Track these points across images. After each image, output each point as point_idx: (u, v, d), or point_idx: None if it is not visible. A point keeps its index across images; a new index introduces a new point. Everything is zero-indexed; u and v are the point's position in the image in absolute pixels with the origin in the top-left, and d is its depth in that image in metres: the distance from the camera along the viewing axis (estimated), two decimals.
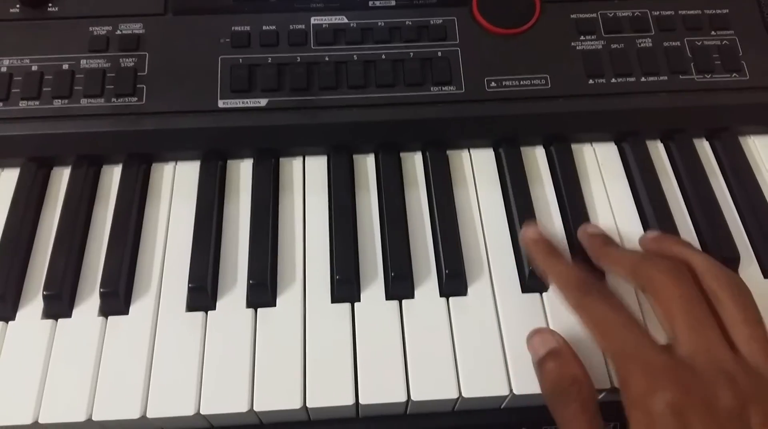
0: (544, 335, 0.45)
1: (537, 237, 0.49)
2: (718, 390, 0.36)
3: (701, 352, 0.38)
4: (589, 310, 0.42)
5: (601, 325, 0.41)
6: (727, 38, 0.59)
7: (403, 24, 0.57)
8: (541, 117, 0.56)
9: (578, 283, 0.43)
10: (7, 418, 0.44)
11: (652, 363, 0.37)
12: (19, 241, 0.51)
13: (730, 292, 0.40)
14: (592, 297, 0.42)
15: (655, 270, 0.42)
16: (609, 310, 0.41)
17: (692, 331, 0.39)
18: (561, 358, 0.43)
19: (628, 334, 0.39)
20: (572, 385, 0.41)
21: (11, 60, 0.55)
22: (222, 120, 0.54)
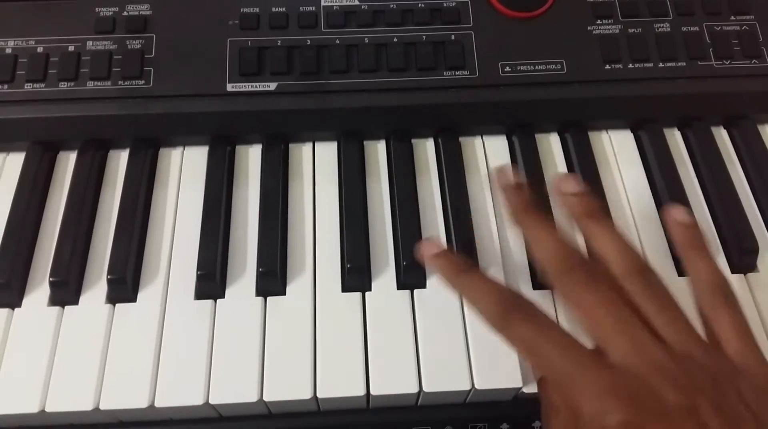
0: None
1: (437, 251, 0.44)
2: (665, 391, 0.35)
3: (635, 355, 0.36)
4: (516, 334, 0.38)
5: (532, 349, 0.38)
6: (746, 23, 0.57)
7: (415, 6, 0.56)
8: (556, 103, 0.55)
9: (498, 304, 0.39)
10: (14, 407, 0.44)
11: (596, 382, 0.36)
12: (25, 227, 0.51)
13: (641, 281, 0.39)
14: (515, 316, 0.38)
15: (568, 283, 0.40)
16: (537, 331, 0.38)
17: (620, 336, 0.37)
18: None
19: (564, 355, 0.37)
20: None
21: (16, 41, 0.54)
22: (230, 104, 0.53)
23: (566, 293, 0.40)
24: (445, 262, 0.43)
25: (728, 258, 0.51)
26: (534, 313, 0.39)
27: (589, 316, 0.38)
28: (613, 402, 0.35)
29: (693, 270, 0.42)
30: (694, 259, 0.42)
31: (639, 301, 0.39)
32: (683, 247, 0.43)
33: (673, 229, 0.44)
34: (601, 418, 0.35)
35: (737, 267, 0.50)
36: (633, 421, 0.34)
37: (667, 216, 0.45)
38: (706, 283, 0.41)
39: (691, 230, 0.43)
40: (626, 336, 0.37)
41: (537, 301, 0.47)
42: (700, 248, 0.43)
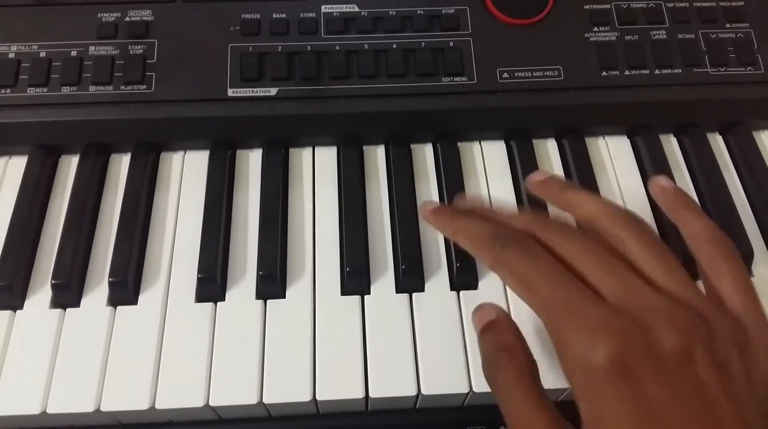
0: (483, 310, 0.41)
1: (434, 207, 0.46)
2: (660, 332, 0.32)
3: (627, 295, 0.34)
4: (509, 264, 0.37)
5: (524, 279, 0.36)
6: (742, 31, 0.58)
7: (414, 13, 0.57)
8: (553, 109, 0.55)
9: (492, 235, 0.39)
10: (16, 408, 0.44)
11: (587, 314, 0.34)
12: (27, 230, 0.51)
13: (631, 230, 0.38)
14: (510, 248, 0.37)
15: (550, 232, 0.39)
16: (532, 260, 0.37)
17: (610, 277, 0.35)
18: (495, 327, 0.40)
19: (557, 285, 0.35)
20: (503, 352, 0.38)
21: (19, 46, 0.55)
22: (231, 109, 0.54)
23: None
24: (439, 212, 0.45)
25: None
26: (528, 244, 0.38)
27: (576, 266, 0.37)
28: (602, 336, 0.32)
29: (688, 228, 0.41)
30: (688, 217, 0.41)
31: (634, 251, 0.37)
32: (673, 208, 0.42)
33: (659, 197, 0.44)
34: (587, 352, 0.33)
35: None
36: (621, 358, 0.32)
37: (652, 185, 0.45)
38: (703, 238, 0.40)
39: (678, 192, 0.43)
40: (616, 276, 0.35)
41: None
42: (690, 207, 0.42)
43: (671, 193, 0.44)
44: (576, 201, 0.42)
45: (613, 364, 0.32)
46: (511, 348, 0.38)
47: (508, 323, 0.40)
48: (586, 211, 0.41)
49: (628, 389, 0.32)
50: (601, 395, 0.32)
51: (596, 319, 0.33)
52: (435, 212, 0.46)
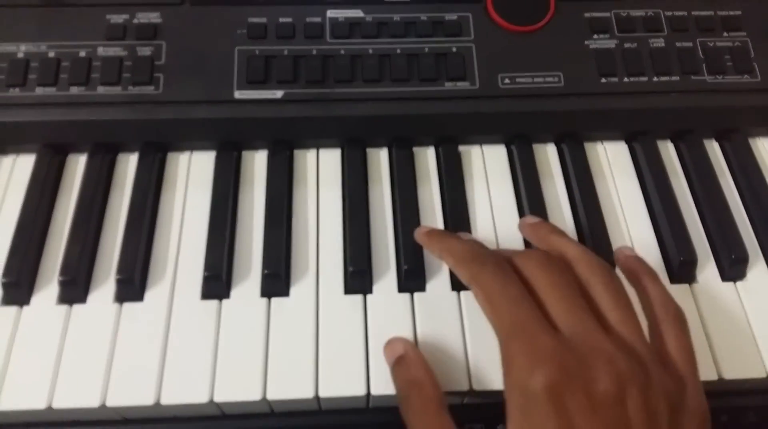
0: (393, 344, 0.46)
1: (428, 229, 0.49)
2: (598, 372, 0.35)
3: (579, 333, 0.37)
4: (482, 283, 0.41)
5: (492, 299, 0.40)
6: (739, 40, 0.59)
7: (418, 19, 0.58)
8: (553, 114, 0.56)
9: (472, 255, 0.43)
10: (22, 403, 0.45)
11: (537, 342, 0.37)
12: (35, 227, 0.52)
13: (602, 278, 0.41)
14: (486, 269, 0.41)
15: (528, 260, 0.42)
16: (502, 283, 0.40)
17: (568, 314, 0.38)
18: (404, 362, 0.44)
19: (518, 309, 0.38)
20: (412, 387, 0.42)
21: (28, 46, 0.55)
22: (238, 111, 0.55)
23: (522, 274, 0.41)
24: (432, 233, 0.48)
25: (719, 267, 0.52)
26: (503, 267, 0.41)
27: (542, 295, 0.40)
28: (543, 364, 0.35)
29: (645, 293, 0.44)
30: (645, 283, 0.44)
31: (598, 296, 0.40)
32: (637, 273, 0.45)
33: (623, 263, 0.48)
34: (526, 376, 0.35)
35: (728, 276, 0.52)
36: (557, 389, 0.35)
37: (617, 253, 0.49)
38: (659, 302, 0.43)
39: (639, 261, 0.47)
40: (574, 315, 0.38)
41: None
42: (649, 274, 0.45)
43: (632, 262, 0.47)
44: (559, 245, 0.45)
45: (548, 392, 0.35)
46: (419, 382, 0.42)
47: (415, 357, 0.44)
48: (566, 252, 0.43)
49: (556, 419, 0.35)
50: (530, 418, 0.35)
51: (543, 348, 0.36)
52: (428, 234, 0.49)
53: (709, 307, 0.50)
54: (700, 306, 0.50)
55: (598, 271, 0.41)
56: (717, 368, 0.47)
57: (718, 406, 0.49)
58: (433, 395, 0.42)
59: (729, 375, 0.47)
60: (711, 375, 0.47)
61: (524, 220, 0.51)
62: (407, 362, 0.44)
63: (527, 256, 0.42)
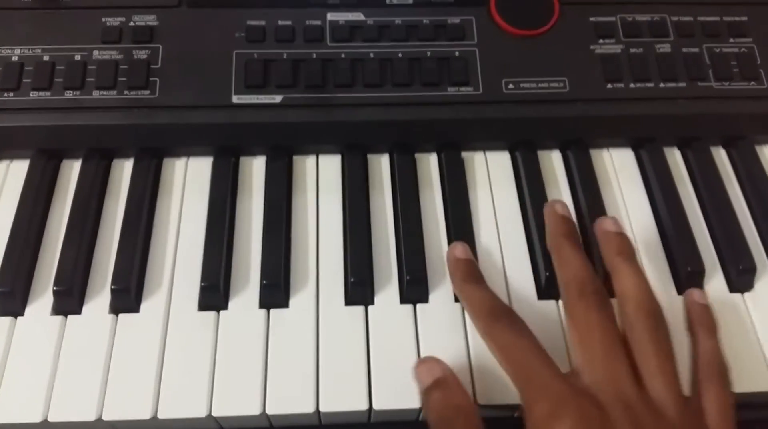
0: (429, 364, 0.43)
1: (462, 257, 0.49)
2: (618, 421, 0.36)
3: (607, 382, 0.38)
4: (496, 337, 0.42)
5: (505, 351, 0.41)
6: (745, 46, 0.58)
7: (420, 23, 0.57)
8: (558, 120, 0.55)
9: (488, 310, 0.44)
10: (17, 416, 0.44)
11: (552, 389, 0.38)
12: (29, 235, 0.51)
13: (647, 323, 0.41)
14: (500, 324, 0.42)
15: (579, 303, 0.42)
16: (515, 336, 0.41)
17: (602, 361, 0.39)
18: (446, 387, 0.42)
19: (532, 359, 0.40)
20: (458, 414, 0.41)
21: (22, 49, 0.54)
22: (236, 116, 0.54)
23: (573, 313, 0.42)
24: (460, 267, 0.48)
25: (726, 277, 0.51)
26: (517, 323, 0.42)
27: (581, 334, 0.41)
28: (564, 412, 0.36)
29: (700, 345, 0.44)
30: (704, 336, 0.44)
31: (639, 341, 0.40)
32: (696, 324, 0.45)
33: (688, 306, 0.47)
34: (548, 421, 0.36)
35: (735, 286, 0.51)
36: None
37: (687, 295, 0.48)
38: (707, 358, 0.43)
39: (705, 311, 0.46)
40: (607, 364, 0.39)
41: (541, 312, 0.49)
42: (710, 328, 0.45)
43: (698, 310, 0.46)
44: (621, 270, 0.44)
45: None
46: (465, 409, 0.41)
47: (457, 382, 0.42)
48: (623, 285, 0.43)
49: None
50: None
51: (563, 395, 0.37)
52: (457, 263, 0.48)
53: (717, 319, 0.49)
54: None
55: (644, 315, 0.41)
56: None
57: None
58: (477, 425, 0.41)
59: (737, 388, 0.46)
60: None
61: (602, 223, 0.48)
62: (450, 386, 0.42)
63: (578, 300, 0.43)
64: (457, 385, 0.42)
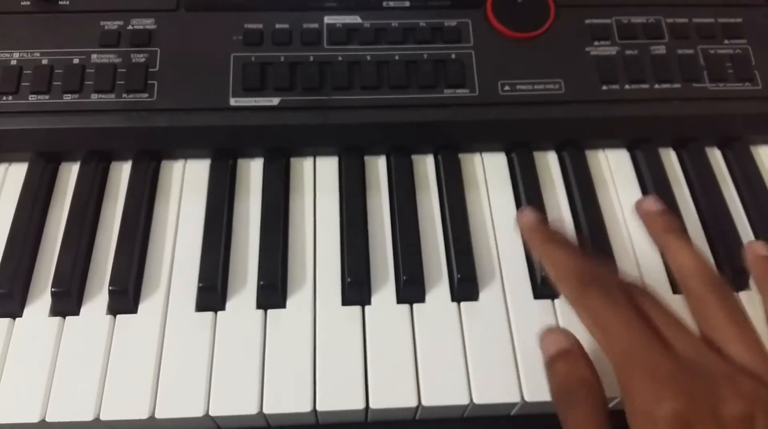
0: (555, 334, 0.41)
1: (533, 223, 0.44)
2: (724, 397, 0.34)
3: (699, 356, 0.36)
4: (589, 307, 0.38)
5: (601, 324, 0.37)
6: (740, 47, 0.58)
7: (416, 25, 0.57)
8: (554, 122, 0.56)
9: (578, 274, 0.39)
10: (15, 416, 0.44)
11: (657, 368, 0.35)
12: (27, 237, 0.51)
13: (716, 294, 0.39)
14: (592, 291, 0.38)
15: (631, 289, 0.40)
16: (611, 306, 0.37)
17: (683, 334, 0.37)
18: (571, 358, 0.40)
19: (633, 334, 0.36)
20: (581, 387, 0.38)
21: (21, 53, 0.54)
22: (233, 118, 0.54)
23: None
24: (538, 228, 0.44)
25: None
26: (611, 288, 0.38)
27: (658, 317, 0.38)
28: (668, 390, 0.34)
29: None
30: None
31: (713, 314, 0.38)
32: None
33: (753, 264, 0.44)
34: (652, 405, 0.34)
35: (731, 285, 0.51)
36: (684, 416, 0.33)
37: (748, 249, 0.45)
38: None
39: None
40: (693, 340, 0.37)
41: (537, 312, 0.49)
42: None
43: (762, 265, 0.43)
44: (674, 248, 0.41)
45: (676, 419, 0.33)
46: (590, 384, 0.38)
47: (584, 356, 0.40)
48: (680, 261, 0.41)
49: None
50: None
51: (666, 373, 0.34)
52: (531, 228, 0.44)
53: None
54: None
55: (710, 287, 0.39)
56: None
57: None
58: (603, 401, 0.38)
59: None
60: None
61: (646, 203, 0.45)
62: (576, 358, 0.40)
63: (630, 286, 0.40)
64: (583, 357, 0.40)
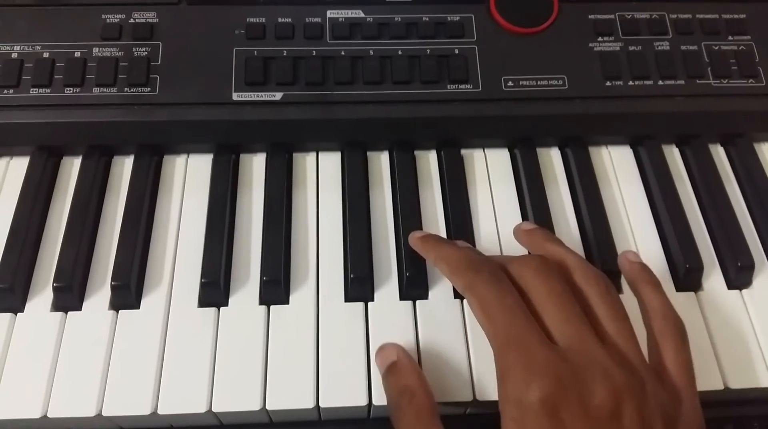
0: (384, 350, 0.45)
1: (421, 234, 0.48)
2: (595, 385, 0.35)
3: (576, 344, 0.37)
4: (477, 292, 0.40)
5: (487, 308, 0.39)
6: (744, 44, 0.58)
7: (420, 20, 0.57)
8: (558, 118, 0.55)
9: (468, 263, 0.42)
10: (17, 412, 0.44)
11: (533, 354, 0.36)
12: (29, 232, 0.51)
13: (598, 289, 0.40)
14: (480, 277, 0.40)
15: (524, 267, 0.41)
16: (498, 292, 0.39)
17: (565, 324, 0.38)
18: (396, 370, 0.43)
19: (514, 319, 0.38)
20: (403, 395, 0.41)
21: (22, 46, 0.54)
22: (236, 113, 0.54)
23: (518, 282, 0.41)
24: (426, 239, 0.47)
25: (725, 274, 0.51)
26: (499, 276, 0.40)
27: (537, 304, 0.39)
28: (539, 377, 0.35)
29: (646, 303, 0.43)
30: (647, 292, 0.44)
31: (595, 306, 0.40)
32: (636, 282, 0.45)
33: (627, 269, 0.47)
34: (522, 388, 0.35)
35: (733, 283, 0.51)
36: (552, 401, 0.34)
37: (620, 259, 0.48)
38: (658, 313, 0.42)
39: (642, 267, 0.46)
40: (570, 325, 0.38)
41: None
42: (651, 282, 0.44)
43: (636, 268, 0.46)
44: (555, 253, 0.44)
45: (544, 405, 0.34)
46: (411, 390, 0.41)
47: (407, 364, 0.43)
48: (564, 264, 0.43)
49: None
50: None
51: (539, 360, 0.36)
52: (422, 239, 0.47)
53: (715, 316, 0.49)
54: (705, 314, 0.49)
55: (594, 281, 0.41)
56: (722, 377, 0.47)
57: (722, 416, 0.49)
58: (426, 404, 0.41)
59: (734, 384, 0.47)
60: (716, 384, 0.46)
61: (520, 226, 0.49)
62: (399, 369, 0.43)
63: (523, 263, 0.42)
64: (407, 366, 0.42)
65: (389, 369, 0.43)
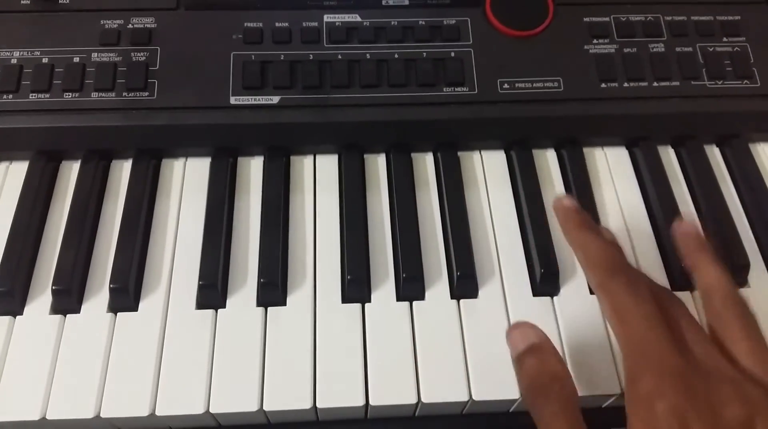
0: (524, 329, 0.42)
1: (570, 208, 0.44)
2: (726, 397, 0.34)
3: (711, 359, 0.37)
4: (612, 295, 0.38)
5: (621, 312, 0.38)
6: (738, 45, 0.58)
7: (416, 24, 0.57)
8: (553, 120, 0.56)
9: (606, 262, 0.40)
10: (16, 414, 0.44)
11: (666, 363, 0.35)
12: (28, 235, 0.51)
13: (735, 311, 0.39)
14: (618, 280, 0.39)
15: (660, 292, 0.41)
16: (634, 298, 0.38)
17: (698, 341, 0.38)
18: (542, 353, 0.40)
19: (649, 328, 0.37)
20: (553, 382, 0.39)
21: (22, 52, 0.55)
22: (234, 117, 0.54)
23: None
24: (572, 215, 0.44)
25: None
26: (637, 282, 0.39)
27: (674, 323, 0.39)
28: (673, 386, 0.34)
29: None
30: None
31: (727, 325, 0.39)
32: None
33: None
34: (652, 397, 0.34)
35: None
36: (683, 411, 0.34)
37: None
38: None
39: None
40: (706, 343, 0.38)
41: (536, 309, 0.49)
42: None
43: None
44: (703, 267, 0.42)
45: (674, 414, 0.34)
46: (561, 378, 0.39)
47: (553, 350, 0.40)
48: (706, 280, 0.41)
49: None
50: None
51: (673, 369, 0.35)
52: (567, 212, 0.44)
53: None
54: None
55: (732, 304, 0.39)
56: None
57: None
58: (574, 394, 0.39)
59: None
60: None
61: (682, 227, 0.45)
62: (546, 352, 0.40)
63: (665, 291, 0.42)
64: (553, 351, 0.40)
65: (531, 350, 0.40)
